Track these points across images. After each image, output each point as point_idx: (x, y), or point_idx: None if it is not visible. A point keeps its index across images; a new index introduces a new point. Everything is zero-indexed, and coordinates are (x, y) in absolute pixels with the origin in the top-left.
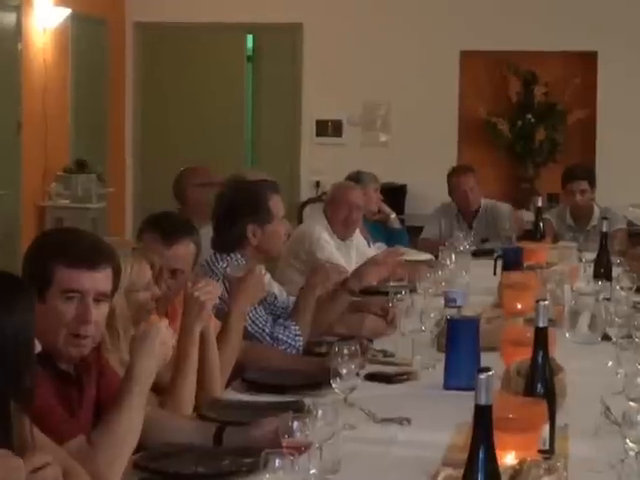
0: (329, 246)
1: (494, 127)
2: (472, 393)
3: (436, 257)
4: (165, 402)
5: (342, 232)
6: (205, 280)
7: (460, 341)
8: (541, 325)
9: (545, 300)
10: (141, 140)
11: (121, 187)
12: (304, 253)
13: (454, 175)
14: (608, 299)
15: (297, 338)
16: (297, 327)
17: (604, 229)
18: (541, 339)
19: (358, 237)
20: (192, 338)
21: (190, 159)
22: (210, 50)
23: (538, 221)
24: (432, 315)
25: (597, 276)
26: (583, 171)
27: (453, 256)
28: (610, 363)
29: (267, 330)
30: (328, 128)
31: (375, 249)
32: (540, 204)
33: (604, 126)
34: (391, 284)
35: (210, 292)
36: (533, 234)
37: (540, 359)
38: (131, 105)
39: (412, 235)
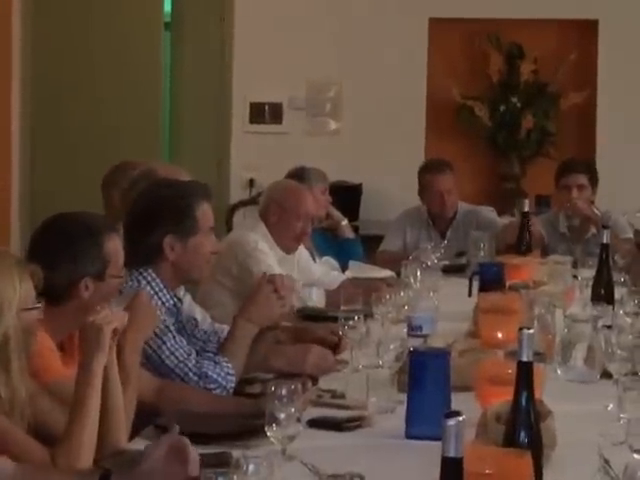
0: (267, 258)
1: (470, 113)
2: (439, 443)
3: (398, 274)
4: (58, 455)
5: (290, 246)
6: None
7: (426, 379)
8: (525, 359)
9: (531, 328)
10: (31, 127)
11: (5, 186)
12: (236, 267)
13: (428, 172)
14: (609, 327)
15: (229, 377)
16: (230, 364)
17: (605, 240)
18: (525, 376)
19: (300, 250)
20: (91, 374)
21: (93, 151)
22: (118, 15)
23: (524, 229)
24: (392, 346)
25: (596, 298)
26: (582, 164)
27: (419, 273)
28: (610, 406)
29: (190, 364)
30: (265, 113)
31: (321, 264)
32: (527, 208)
33: (606, 112)
34: (342, 308)
35: (108, 316)
36: (517, 246)
37: (524, 401)
38: (18, 82)
39: (368, 247)
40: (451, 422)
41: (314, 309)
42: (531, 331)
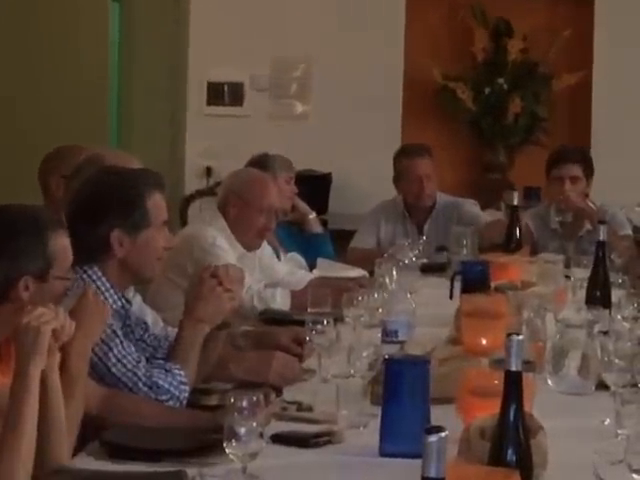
0: (226, 255)
1: (452, 95)
2: (418, 462)
3: (371, 273)
4: None
5: (252, 242)
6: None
7: (403, 390)
8: (513, 368)
9: (519, 334)
10: None
11: None
12: (191, 265)
13: (405, 156)
14: (605, 333)
15: (182, 387)
16: (182, 372)
17: (601, 237)
18: (513, 387)
19: (263, 246)
20: (27, 379)
21: (32, 136)
22: None
23: (513, 225)
24: (365, 354)
25: (591, 301)
26: (576, 153)
27: (394, 272)
28: (607, 421)
29: (140, 373)
30: (224, 94)
31: (286, 262)
32: (516, 202)
33: (603, 96)
34: (309, 310)
35: (45, 315)
36: (505, 243)
37: (512, 415)
38: None
39: (338, 243)
40: (432, 438)
41: (278, 312)
42: (520, 337)
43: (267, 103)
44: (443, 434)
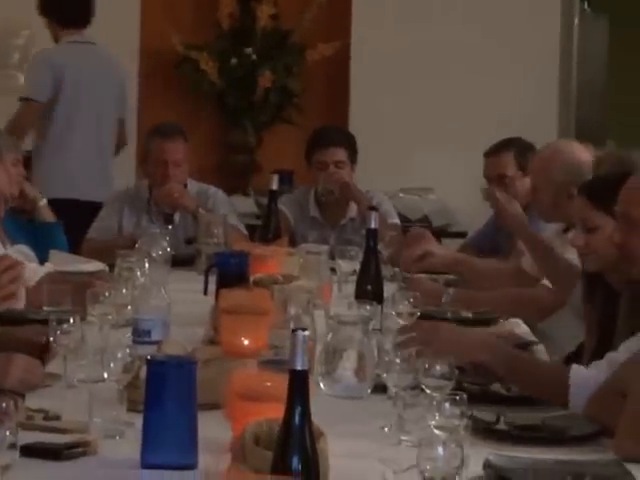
0: None
1: (194, 67)
2: (184, 473)
3: (111, 267)
4: None
5: None
6: None
7: (167, 394)
8: (299, 367)
9: (305, 329)
10: None
11: None
12: None
13: (152, 137)
14: (380, 330)
15: None
16: None
17: (372, 224)
18: (299, 388)
19: None
20: None
21: None
22: None
23: (271, 212)
24: (119, 355)
25: (361, 296)
26: (340, 135)
27: (146, 265)
28: (388, 427)
29: None
30: None
31: (13, 255)
32: (275, 186)
33: (361, 69)
34: (47, 309)
35: None
36: (262, 232)
37: (297, 419)
38: None
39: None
40: None
41: (12, 311)
42: (306, 332)
43: None
44: None
